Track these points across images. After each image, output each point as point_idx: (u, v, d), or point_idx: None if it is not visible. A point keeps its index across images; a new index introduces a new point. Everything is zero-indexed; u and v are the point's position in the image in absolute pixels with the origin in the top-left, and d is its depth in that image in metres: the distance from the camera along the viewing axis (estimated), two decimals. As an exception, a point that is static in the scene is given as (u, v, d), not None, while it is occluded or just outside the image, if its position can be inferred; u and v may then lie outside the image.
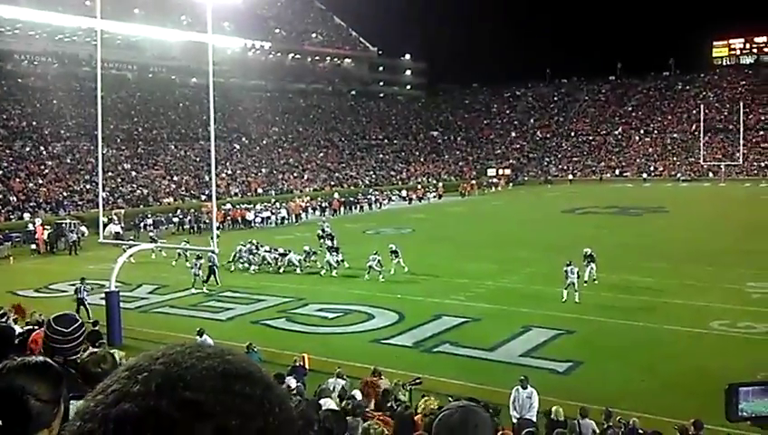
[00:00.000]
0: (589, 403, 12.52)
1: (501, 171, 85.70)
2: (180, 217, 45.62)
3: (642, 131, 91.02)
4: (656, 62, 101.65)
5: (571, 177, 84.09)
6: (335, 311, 22.05)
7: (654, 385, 14.91)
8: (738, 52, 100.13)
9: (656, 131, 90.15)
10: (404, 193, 65.42)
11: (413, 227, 43.44)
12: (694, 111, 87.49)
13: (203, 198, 51.74)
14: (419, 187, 68.08)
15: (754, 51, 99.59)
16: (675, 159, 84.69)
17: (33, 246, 36.84)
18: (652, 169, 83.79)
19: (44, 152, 52.57)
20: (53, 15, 63.57)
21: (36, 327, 7.68)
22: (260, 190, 59.98)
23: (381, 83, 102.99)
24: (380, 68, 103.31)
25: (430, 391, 13.23)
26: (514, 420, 12.12)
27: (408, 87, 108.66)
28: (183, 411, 0.83)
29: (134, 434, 0.81)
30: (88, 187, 48.79)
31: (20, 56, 63.41)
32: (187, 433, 0.82)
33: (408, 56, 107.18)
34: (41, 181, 48.40)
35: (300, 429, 2.47)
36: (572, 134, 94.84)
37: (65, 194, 47.73)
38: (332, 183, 68.07)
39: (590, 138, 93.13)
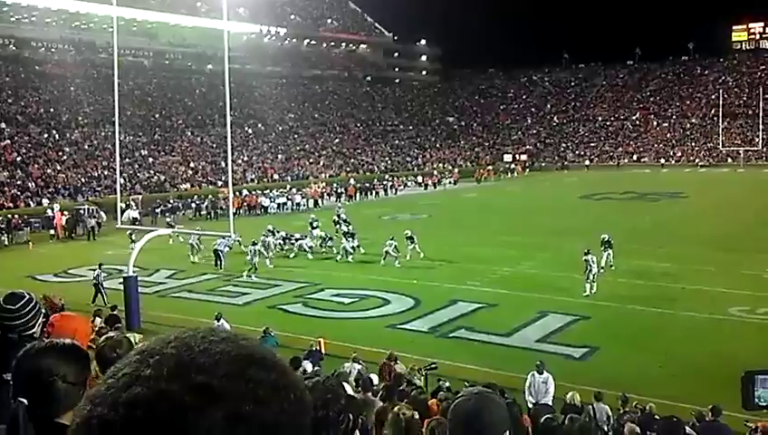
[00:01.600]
0: (605, 389, 12.51)
1: (517, 157, 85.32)
2: (197, 202, 45.93)
3: (660, 117, 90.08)
4: (674, 47, 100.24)
5: (588, 162, 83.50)
6: (351, 296, 22.14)
7: (671, 371, 14.87)
8: (758, 36, 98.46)
9: (674, 117, 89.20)
10: (420, 179, 65.35)
11: (429, 213, 43.43)
12: (713, 96, 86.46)
13: (219, 184, 51.99)
14: (435, 172, 67.91)
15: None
16: (693, 144, 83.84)
17: (52, 232, 37.22)
18: (670, 154, 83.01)
19: (62, 139, 52.96)
20: (70, 2, 64.00)
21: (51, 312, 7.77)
22: (276, 176, 60.13)
23: (396, 69, 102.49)
24: (395, 53, 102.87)
25: (446, 376, 13.29)
26: (530, 405, 12.15)
27: (424, 72, 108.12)
28: (194, 396, 0.80)
29: (144, 418, 0.79)
30: (106, 173, 49.09)
31: (37, 43, 63.67)
32: (199, 418, 0.79)
33: (423, 41, 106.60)
34: (59, 167, 48.77)
35: (329, 401, 2.48)
36: (590, 119, 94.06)
37: (83, 180, 48.10)
38: (348, 169, 68.09)
39: (608, 123, 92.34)
